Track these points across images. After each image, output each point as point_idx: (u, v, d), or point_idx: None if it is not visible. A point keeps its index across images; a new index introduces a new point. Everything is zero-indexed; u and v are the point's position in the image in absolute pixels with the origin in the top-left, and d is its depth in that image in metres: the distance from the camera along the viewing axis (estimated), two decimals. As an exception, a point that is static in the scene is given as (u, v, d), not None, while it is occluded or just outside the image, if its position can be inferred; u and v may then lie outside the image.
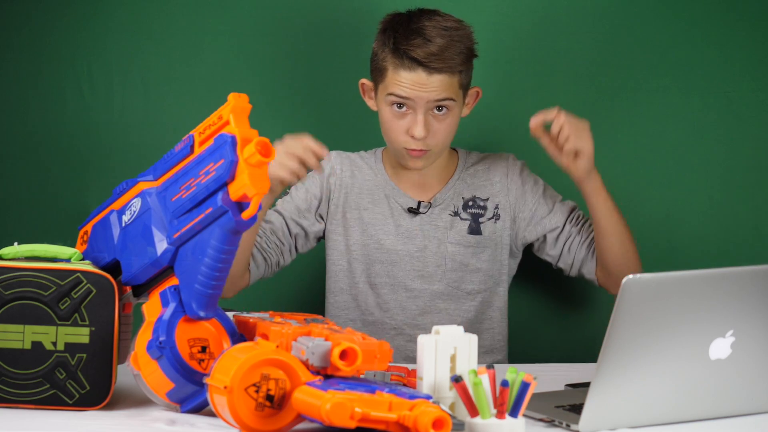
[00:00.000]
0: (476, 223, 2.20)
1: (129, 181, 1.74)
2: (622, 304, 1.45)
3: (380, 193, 2.22)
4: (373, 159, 2.26)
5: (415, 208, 2.20)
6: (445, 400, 1.55)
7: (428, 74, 2.07)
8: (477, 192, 2.22)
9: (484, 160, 2.26)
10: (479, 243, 2.20)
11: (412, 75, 2.07)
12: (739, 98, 2.41)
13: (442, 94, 2.08)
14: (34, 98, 2.45)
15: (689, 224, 2.43)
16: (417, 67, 2.07)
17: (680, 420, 1.56)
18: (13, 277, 1.63)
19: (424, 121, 2.09)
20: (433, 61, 2.06)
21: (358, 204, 2.22)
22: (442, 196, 2.21)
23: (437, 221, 2.20)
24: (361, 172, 2.24)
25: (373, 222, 2.21)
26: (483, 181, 2.23)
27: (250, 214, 1.57)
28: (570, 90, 2.44)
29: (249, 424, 1.45)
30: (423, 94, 2.08)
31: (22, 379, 1.62)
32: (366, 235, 2.21)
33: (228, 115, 1.62)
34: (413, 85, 2.07)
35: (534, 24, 2.43)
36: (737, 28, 2.41)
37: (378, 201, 2.22)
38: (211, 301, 1.63)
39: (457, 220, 2.20)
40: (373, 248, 2.20)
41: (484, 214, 2.20)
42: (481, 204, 2.21)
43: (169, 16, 2.44)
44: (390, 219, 2.21)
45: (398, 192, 2.22)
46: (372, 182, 2.23)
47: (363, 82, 2.19)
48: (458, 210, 2.20)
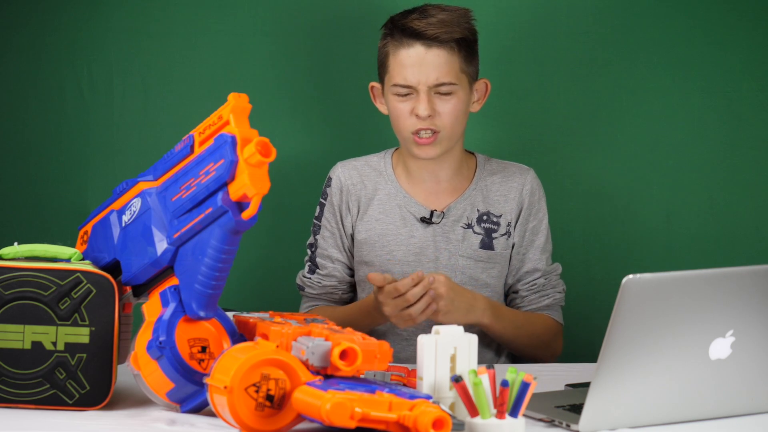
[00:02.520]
0: (489, 238, 2.16)
1: (129, 181, 1.74)
2: (622, 304, 1.45)
3: (392, 203, 2.19)
4: (382, 163, 2.23)
5: (428, 218, 2.17)
6: (445, 400, 1.55)
7: (426, 48, 2.06)
8: (491, 207, 2.18)
9: (502, 171, 2.21)
10: (490, 258, 2.17)
11: (411, 52, 2.06)
12: (739, 98, 2.41)
13: (442, 75, 2.07)
14: (34, 98, 2.45)
15: (689, 224, 2.43)
16: (414, 41, 2.06)
17: (680, 420, 1.56)
18: (13, 277, 1.63)
19: (427, 100, 2.06)
20: (430, 29, 2.05)
21: (370, 215, 2.19)
22: (456, 206, 2.17)
23: (450, 233, 2.16)
24: (370, 180, 2.21)
25: (385, 233, 2.18)
26: (498, 195, 2.19)
27: (250, 214, 1.57)
28: (570, 90, 2.44)
29: (249, 424, 1.45)
30: (422, 75, 2.06)
31: (22, 379, 1.62)
32: (378, 246, 2.18)
33: (228, 115, 1.62)
34: (412, 65, 2.06)
35: (534, 24, 2.43)
36: (737, 28, 2.41)
37: (389, 211, 2.19)
38: (211, 301, 1.63)
39: (470, 233, 2.17)
40: (385, 259, 2.17)
41: (497, 230, 2.17)
42: (494, 220, 2.17)
43: (169, 16, 2.44)
44: (402, 230, 2.17)
45: (410, 201, 2.18)
46: (383, 191, 2.20)
47: (373, 86, 2.18)
48: (472, 223, 2.17)
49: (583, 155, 2.44)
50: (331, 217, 2.21)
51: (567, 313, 2.30)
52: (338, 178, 2.22)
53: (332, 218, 2.21)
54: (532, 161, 2.27)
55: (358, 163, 2.24)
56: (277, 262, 2.47)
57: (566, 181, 2.44)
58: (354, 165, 2.23)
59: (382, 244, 2.18)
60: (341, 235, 2.21)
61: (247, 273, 2.43)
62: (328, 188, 2.22)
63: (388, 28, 2.12)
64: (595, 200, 2.45)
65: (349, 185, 2.21)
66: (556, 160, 2.44)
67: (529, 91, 2.44)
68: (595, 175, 2.45)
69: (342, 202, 2.21)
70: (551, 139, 2.45)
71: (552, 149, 2.45)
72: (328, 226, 2.22)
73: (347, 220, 2.21)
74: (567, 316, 2.30)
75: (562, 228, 2.43)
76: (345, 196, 2.21)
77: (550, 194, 2.32)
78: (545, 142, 2.45)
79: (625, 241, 2.44)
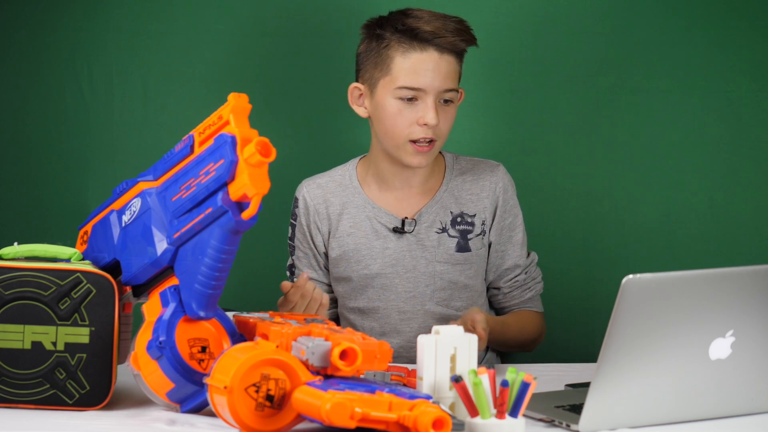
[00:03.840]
0: (464, 240, 2.14)
1: (129, 181, 1.74)
2: (622, 304, 1.45)
3: (361, 215, 2.16)
4: (347, 176, 2.19)
5: (399, 228, 2.14)
6: (445, 400, 1.55)
7: (439, 54, 2.04)
8: (465, 208, 2.15)
9: (472, 169, 2.18)
10: (467, 260, 2.14)
11: (424, 56, 2.04)
12: (739, 98, 2.41)
13: (450, 82, 2.05)
14: (34, 98, 2.45)
15: (689, 224, 2.43)
16: (428, 45, 2.03)
17: (680, 420, 1.56)
18: (13, 277, 1.63)
19: (435, 108, 2.04)
20: (448, 36, 2.03)
21: (341, 231, 2.16)
22: (427, 211, 2.14)
23: (425, 241, 2.14)
24: (335, 197, 2.17)
25: (358, 247, 2.15)
26: (470, 195, 2.16)
27: (250, 214, 1.57)
28: (570, 90, 2.44)
29: (249, 424, 1.45)
30: (435, 81, 2.03)
31: (22, 379, 1.62)
32: (354, 261, 2.15)
33: (228, 115, 1.62)
34: (425, 69, 2.03)
35: (534, 24, 2.43)
36: (737, 28, 2.41)
37: (360, 224, 2.15)
38: (211, 301, 1.63)
39: (444, 237, 2.14)
40: (362, 274, 2.15)
41: (472, 230, 2.14)
42: (469, 221, 2.14)
43: (169, 16, 2.44)
44: (376, 242, 2.14)
45: (380, 211, 2.15)
46: (351, 205, 2.16)
47: (356, 86, 2.13)
48: (446, 226, 2.14)
49: (583, 155, 2.44)
50: (302, 238, 2.19)
51: (567, 313, 2.30)
52: (303, 199, 2.19)
53: (303, 239, 2.19)
54: (532, 161, 2.27)
55: (322, 180, 2.20)
56: (277, 262, 2.46)
57: (566, 181, 2.44)
58: (318, 183, 2.20)
59: (357, 259, 2.15)
60: (314, 254, 2.19)
61: (247, 273, 2.43)
62: (296, 209, 2.20)
63: (388, 31, 2.08)
64: (595, 200, 2.44)
65: (315, 204, 2.18)
66: (556, 160, 2.44)
67: (529, 91, 2.44)
68: (595, 175, 2.44)
69: (310, 222, 2.18)
70: (551, 139, 2.45)
71: (552, 149, 2.44)
72: (301, 246, 2.20)
73: (318, 239, 2.18)
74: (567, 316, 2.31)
75: (561, 228, 2.43)
76: (312, 216, 2.18)
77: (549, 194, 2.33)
78: (545, 142, 2.45)
79: (625, 241, 2.44)
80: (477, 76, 2.36)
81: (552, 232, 2.34)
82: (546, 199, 2.30)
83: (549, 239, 2.36)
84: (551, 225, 2.36)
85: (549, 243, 2.31)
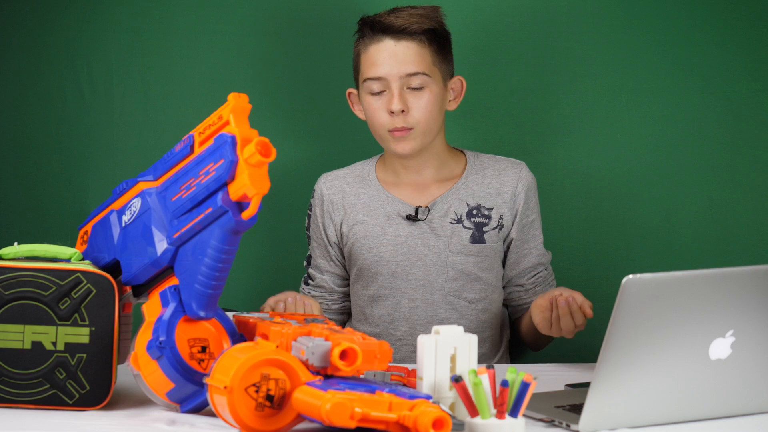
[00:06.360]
0: (479, 232, 2.16)
1: (129, 181, 1.74)
2: (622, 304, 1.45)
3: (374, 204, 2.19)
4: (366, 169, 2.24)
5: (413, 215, 2.16)
6: (445, 400, 1.55)
7: (395, 41, 2.07)
8: (483, 201, 2.17)
9: (494, 165, 2.21)
10: (481, 252, 2.16)
11: (380, 46, 2.08)
12: (739, 98, 2.41)
13: (413, 66, 2.07)
14: (33, 98, 2.45)
15: (689, 224, 2.43)
16: (383, 36, 2.08)
17: (680, 420, 1.56)
18: (13, 277, 1.63)
19: (399, 95, 2.07)
20: (397, 21, 2.06)
21: (355, 219, 2.19)
22: (442, 201, 2.17)
23: (438, 230, 2.16)
24: (351, 187, 2.22)
25: (370, 235, 2.18)
26: (489, 189, 2.18)
27: (250, 214, 1.57)
28: (570, 90, 2.44)
29: (249, 424, 1.45)
30: (394, 68, 2.07)
31: (22, 379, 1.62)
32: (365, 248, 2.18)
33: (228, 115, 1.62)
34: (382, 59, 2.07)
35: (534, 23, 2.43)
36: (737, 28, 2.41)
37: (373, 212, 2.19)
38: (211, 301, 1.63)
39: (459, 228, 2.16)
40: (373, 261, 2.17)
41: (488, 223, 2.16)
42: (486, 213, 2.16)
43: (169, 16, 2.44)
44: (388, 229, 2.17)
45: (393, 200, 2.18)
46: (365, 195, 2.20)
47: (350, 92, 2.20)
48: (461, 217, 2.16)
49: (583, 155, 2.44)
50: (317, 228, 2.23)
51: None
52: (319, 190, 2.24)
53: (317, 229, 2.23)
54: (532, 161, 2.27)
55: (340, 172, 2.25)
56: (277, 262, 2.47)
57: (566, 181, 2.44)
58: (336, 175, 2.25)
59: (368, 247, 2.18)
60: (326, 245, 2.22)
61: (247, 273, 2.43)
62: (312, 200, 2.25)
63: (359, 29, 2.14)
64: (595, 200, 2.44)
65: (330, 195, 2.22)
66: (556, 159, 2.44)
67: (529, 90, 2.44)
68: (595, 175, 2.44)
69: (324, 213, 2.22)
70: (551, 139, 2.45)
71: (552, 149, 2.44)
72: (315, 236, 2.24)
73: (330, 230, 2.21)
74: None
75: (561, 228, 2.43)
76: (326, 206, 2.22)
77: (549, 194, 2.33)
78: (545, 142, 2.45)
79: (625, 241, 2.44)
80: (477, 76, 2.36)
81: (552, 232, 2.34)
82: (546, 199, 2.30)
83: (549, 239, 2.35)
84: (551, 225, 2.36)
85: (549, 243, 2.30)
